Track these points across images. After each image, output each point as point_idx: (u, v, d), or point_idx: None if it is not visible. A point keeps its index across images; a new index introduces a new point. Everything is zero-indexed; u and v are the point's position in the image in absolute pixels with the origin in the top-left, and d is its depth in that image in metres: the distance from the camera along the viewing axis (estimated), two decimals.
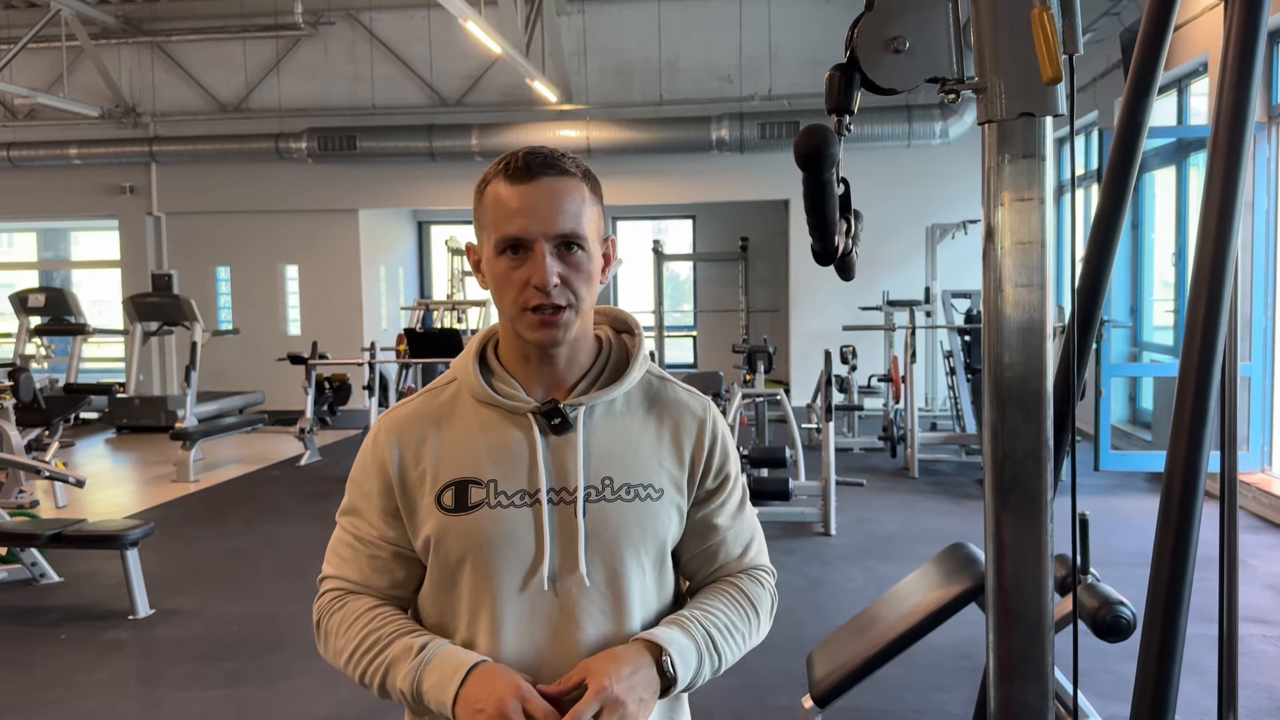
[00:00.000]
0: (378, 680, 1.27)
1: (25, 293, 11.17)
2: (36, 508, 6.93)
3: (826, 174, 1.15)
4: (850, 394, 9.31)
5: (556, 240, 1.23)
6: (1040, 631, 1.22)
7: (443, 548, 1.29)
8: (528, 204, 1.23)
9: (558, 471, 1.28)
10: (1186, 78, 7.83)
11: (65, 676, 4.14)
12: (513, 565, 1.27)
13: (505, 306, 1.27)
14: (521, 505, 1.28)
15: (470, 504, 1.27)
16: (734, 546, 1.39)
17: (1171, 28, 1.43)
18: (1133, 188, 1.52)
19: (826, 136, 1.13)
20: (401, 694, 1.25)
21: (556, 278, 1.23)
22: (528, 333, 1.26)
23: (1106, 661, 3.79)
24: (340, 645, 1.31)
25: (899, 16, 1.21)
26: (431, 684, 1.22)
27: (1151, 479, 7.47)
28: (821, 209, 1.20)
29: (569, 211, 1.24)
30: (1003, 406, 1.20)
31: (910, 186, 11.46)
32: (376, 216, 13.40)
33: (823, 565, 5.56)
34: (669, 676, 1.24)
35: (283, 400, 11.58)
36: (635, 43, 12.01)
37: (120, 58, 12.69)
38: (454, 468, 1.29)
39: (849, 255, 1.40)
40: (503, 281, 1.25)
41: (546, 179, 1.24)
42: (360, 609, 1.32)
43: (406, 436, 1.32)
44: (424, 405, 1.35)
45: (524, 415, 1.30)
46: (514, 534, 1.27)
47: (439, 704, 1.21)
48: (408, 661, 1.24)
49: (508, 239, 1.24)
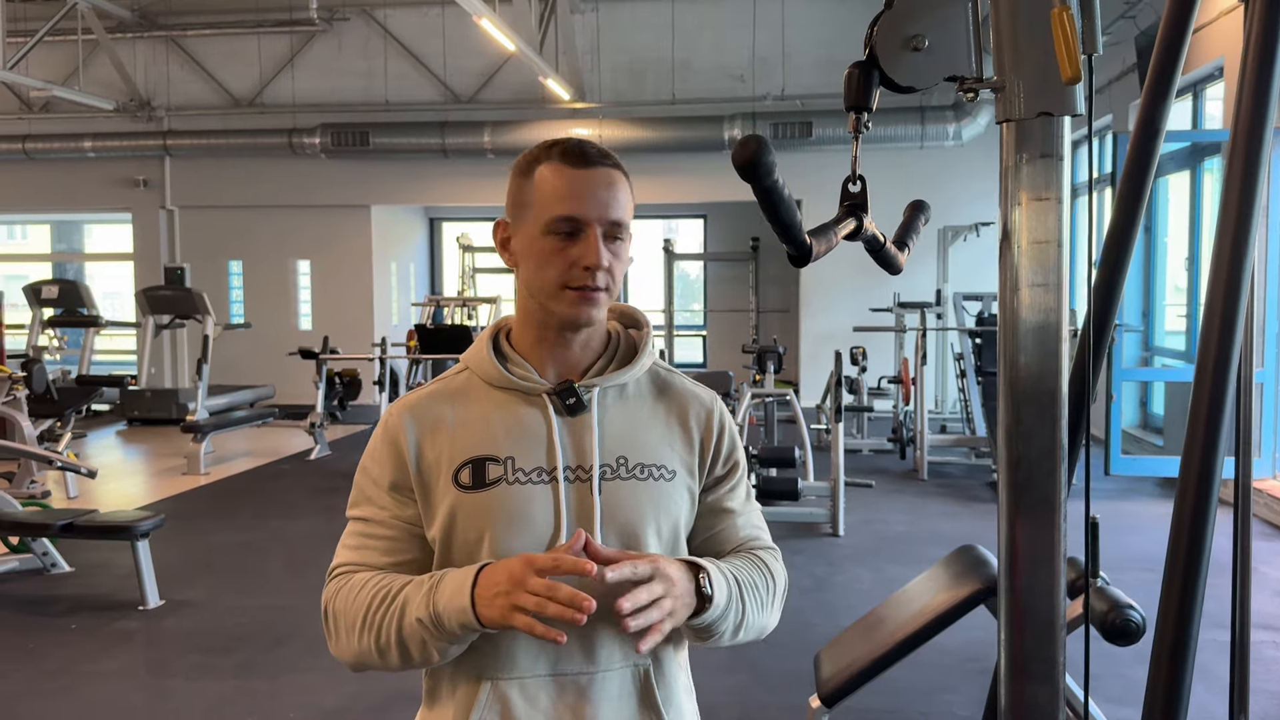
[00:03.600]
0: (393, 629, 1.25)
1: (39, 284, 11.23)
2: (48, 498, 6.97)
3: (768, 181, 1.15)
4: (860, 395, 9.30)
5: (607, 226, 1.28)
6: (1052, 633, 1.21)
7: (460, 525, 1.29)
8: (585, 188, 1.27)
9: (574, 450, 1.31)
10: (1202, 82, 7.80)
11: (75, 666, 4.16)
12: (529, 541, 1.28)
13: (543, 283, 1.29)
14: (539, 482, 1.30)
15: (488, 481, 1.29)
16: (746, 530, 1.42)
17: (1190, 30, 1.43)
18: (1149, 191, 1.51)
19: (760, 145, 1.13)
20: (418, 628, 1.23)
21: (607, 261, 1.27)
22: (564, 308, 1.28)
23: (1115, 665, 3.78)
24: (351, 615, 1.29)
25: (918, 15, 1.20)
26: (446, 600, 1.21)
27: (1162, 484, 7.44)
28: (775, 214, 1.20)
29: (620, 201, 1.29)
30: (1017, 407, 1.19)
31: (923, 188, 11.39)
32: (389, 212, 13.44)
33: (831, 565, 5.56)
34: (705, 595, 1.25)
35: (293, 394, 11.61)
36: (648, 42, 12.01)
37: (135, 51, 12.74)
38: (471, 446, 1.31)
39: (884, 249, 1.40)
40: (546, 259, 1.28)
41: (603, 168, 1.29)
42: (365, 578, 1.31)
43: (422, 417, 1.33)
44: (438, 390, 1.37)
45: (539, 396, 1.33)
46: (531, 510, 1.29)
47: (459, 611, 1.20)
48: (419, 594, 1.24)
49: (562, 219, 1.27)
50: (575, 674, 1.29)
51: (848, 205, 1.33)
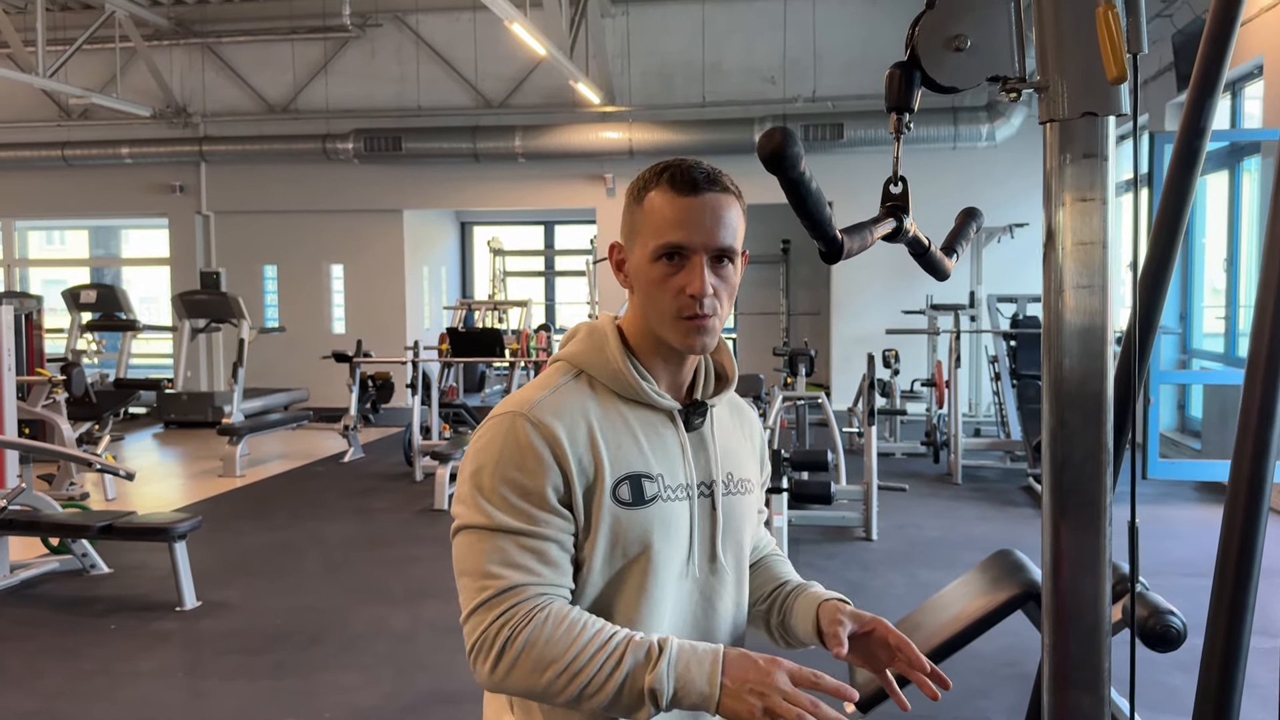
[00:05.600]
0: (611, 688, 1.20)
1: (77, 289, 11.40)
2: (87, 500, 7.07)
3: (794, 173, 1.14)
4: (892, 398, 9.23)
5: (714, 253, 1.29)
6: (1097, 638, 1.20)
7: (621, 539, 1.29)
8: (692, 216, 1.28)
9: (701, 466, 1.37)
10: (1241, 80, 7.69)
11: (113, 665, 4.22)
12: (674, 555, 1.33)
13: (657, 312, 1.31)
14: (682, 499, 1.35)
15: (646, 498, 1.32)
16: (764, 530, 1.58)
17: (1237, 27, 1.40)
18: (1194, 191, 1.49)
19: (786, 136, 1.12)
20: (647, 694, 1.19)
21: (712, 289, 1.28)
22: (678, 339, 1.31)
23: (1154, 672, 3.73)
24: (553, 656, 1.21)
25: (961, 14, 1.19)
26: (689, 681, 1.18)
27: (1200, 488, 7.33)
28: (803, 207, 1.18)
29: (729, 227, 1.30)
30: (1062, 410, 1.18)
31: (956, 189, 11.29)
32: (420, 217, 13.52)
33: (864, 570, 5.52)
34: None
35: (327, 397, 11.71)
36: (679, 45, 12.00)
37: (172, 59, 12.91)
38: (625, 462, 1.31)
39: (928, 253, 1.39)
40: (657, 288, 1.30)
41: (711, 194, 1.29)
42: (565, 615, 1.24)
43: (574, 430, 1.29)
44: (569, 398, 1.32)
45: (669, 413, 1.37)
46: (679, 524, 1.34)
47: (700, 696, 1.18)
48: (642, 656, 1.20)
49: (669, 245, 1.28)
50: None
51: (889, 206, 1.32)
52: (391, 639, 4.48)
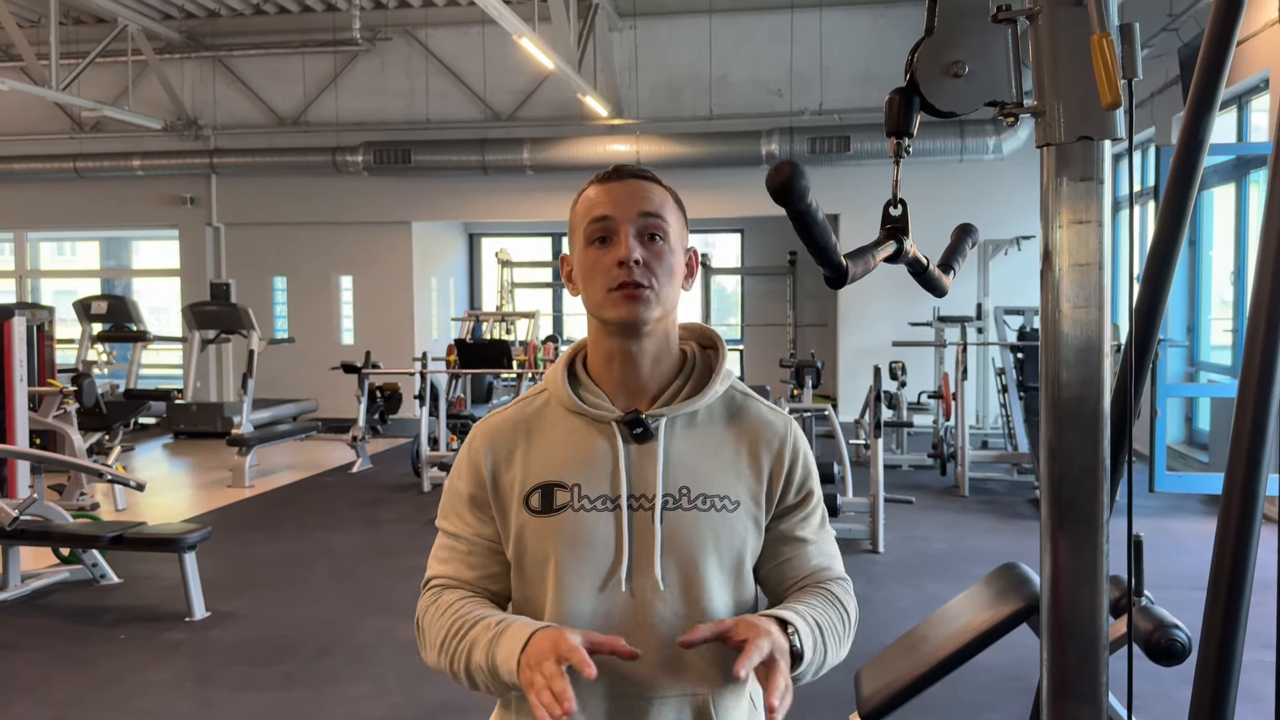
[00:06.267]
0: (463, 663, 1.30)
1: (88, 300, 11.45)
2: (97, 510, 7.11)
3: (801, 205, 1.17)
4: (899, 410, 9.24)
5: (639, 223, 1.31)
6: (1095, 653, 1.22)
7: (529, 547, 1.35)
8: (614, 195, 1.33)
9: (638, 479, 1.33)
10: (1247, 94, 7.70)
11: (123, 675, 4.24)
12: (593, 566, 1.32)
13: (593, 295, 1.33)
14: (603, 509, 1.33)
15: (555, 506, 1.34)
16: (817, 559, 1.42)
17: (1234, 44, 1.43)
18: (1192, 206, 1.51)
19: (794, 170, 1.15)
20: (480, 670, 1.28)
21: (639, 255, 1.30)
22: (611, 311, 1.31)
23: (1161, 686, 3.73)
24: (433, 636, 1.35)
25: (959, 41, 1.22)
26: (503, 657, 1.25)
27: (1208, 501, 7.32)
28: (810, 236, 1.22)
29: (652, 200, 1.33)
30: (1060, 426, 1.20)
31: (962, 202, 11.36)
32: (429, 228, 13.58)
33: (870, 582, 5.53)
34: (796, 652, 1.26)
35: (336, 408, 11.74)
36: (686, 58, 12.06)
37: (183, 72, 13.01)
38: (541, 472, 1.35)
39: (927, 272, 1.41)
40: (590, 271, 1.33)
41: (634, 180, 1.35)
42: (449, 601, 1.36)
43: (499, 442, 1.39)
44: (517, 413, 1.42)
45: (608, 424, 1.35)
46: (594, 536, 1.33)
47: (509, 673, 1.24)
48: (484, 638, 1.28)
49: (594, 221, 1.32)
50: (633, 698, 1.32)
51: (889, 229, 1.34)
52: (399, 650, 4.50)
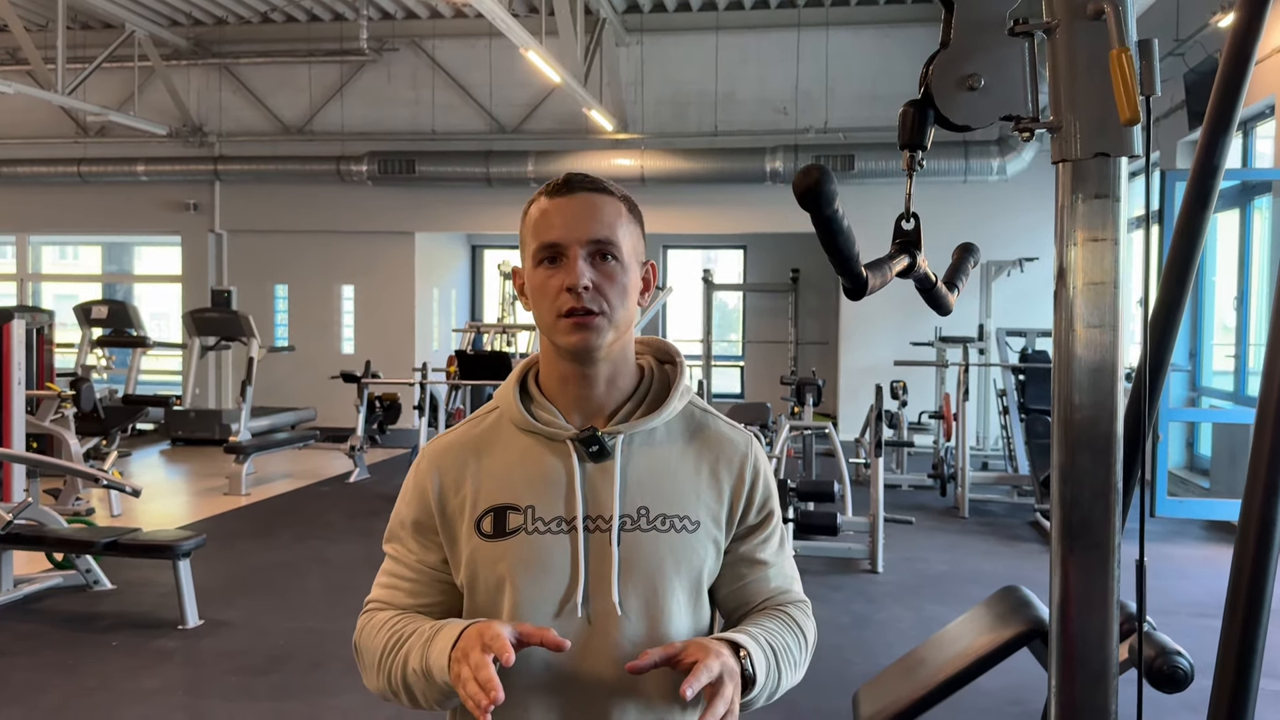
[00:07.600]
0: (400, 675, 1.26)
1: (89, 305, 11.45)
2: (92, 515, 7.07)
3: (829, 210, 1.15)
4: (900, 430, 9.21)
5: (590, 247, 1.25)
6: (1105, 680, 1.19)
7: (481, 573, 1.30)
8: (564, 214, 1.26)
9: (594, 499, 1.28)
10: (1253, 120, 7.71)
11: (114, 683, 4.20)
12: (548, 590, 1.27)
13: (542, 316, 1.28)
14: (558, 532, 1.28)
15: (508, 530, 1.28)
16: (777, 581, 1.38)
17: (1252, 66, 1.41)
18: (1207, 228, 1.49)
19: (822, 174, 1.12)
20: (416, 675, 1.24)
21: (589, 281, 1.24)
22: (561, 338, 1.26)
23: (1162, 713, 3.69)
24: (370, 655, 1.31)
25: (974, 54, 1.21)
26: (435, 655, 1.21)
27: (1208, 527, 7.28)
28: (834, 244, 1.19)
29: (603, 221, 1.26)
30: (1072, 449, 1.18)
31: (966, 223, 11.31)
32: (432, 239, 13.58)
33: (869, 603, 5.48)
34: (748, 676, 1.21)
35: (334, 417, 11.72)
36: (692, 74, 12.08)
37: (189, 78, 13.03)
38: (493, 495, 1.30)
39: (934, 288, 1.39)
40: (539, 291, 1.27)
41: (584, 193, 1.28)
42: (385, 618, 1.33)
43: (447, 465, 1.34)
44: (465, 434, 1.37)
45: (563, 442, 1.30)
46: (550, 560, 1.27)
47: (440, 670, 1.20)
48: (419, 643, 1.25)
49: (543, 246, 1.26)
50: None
51: (900, 242, 1.33)
52: None
